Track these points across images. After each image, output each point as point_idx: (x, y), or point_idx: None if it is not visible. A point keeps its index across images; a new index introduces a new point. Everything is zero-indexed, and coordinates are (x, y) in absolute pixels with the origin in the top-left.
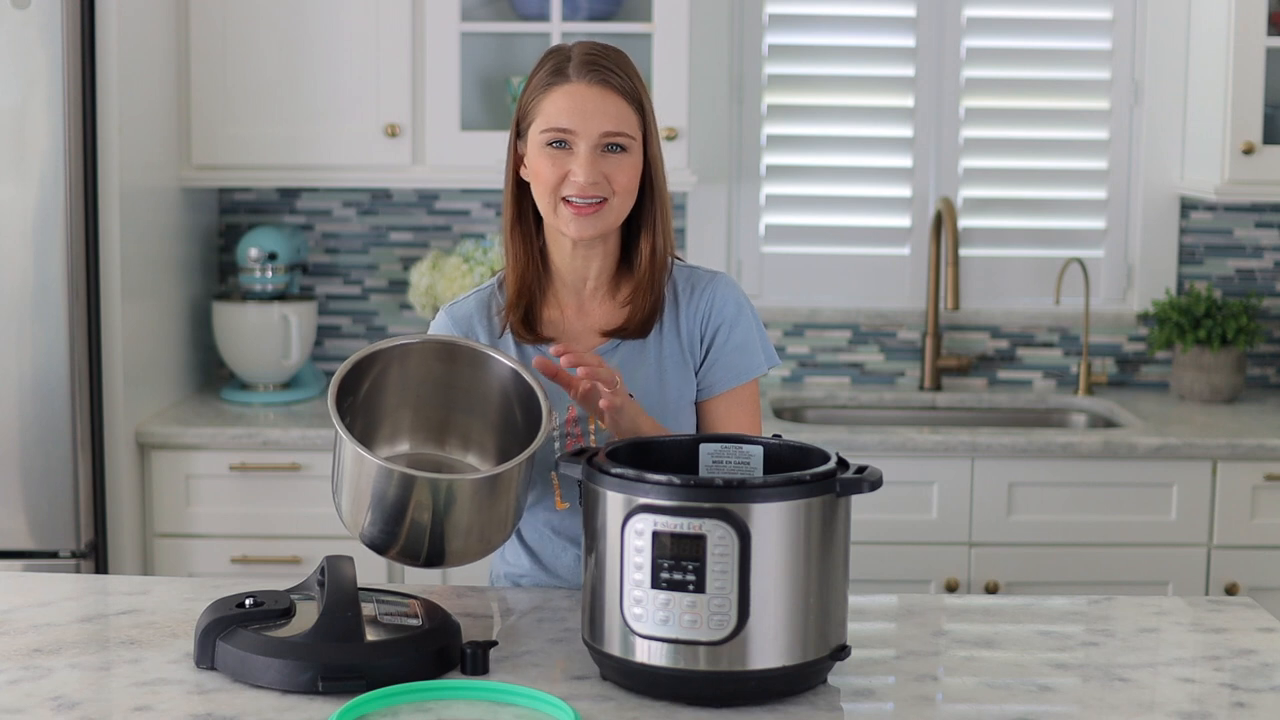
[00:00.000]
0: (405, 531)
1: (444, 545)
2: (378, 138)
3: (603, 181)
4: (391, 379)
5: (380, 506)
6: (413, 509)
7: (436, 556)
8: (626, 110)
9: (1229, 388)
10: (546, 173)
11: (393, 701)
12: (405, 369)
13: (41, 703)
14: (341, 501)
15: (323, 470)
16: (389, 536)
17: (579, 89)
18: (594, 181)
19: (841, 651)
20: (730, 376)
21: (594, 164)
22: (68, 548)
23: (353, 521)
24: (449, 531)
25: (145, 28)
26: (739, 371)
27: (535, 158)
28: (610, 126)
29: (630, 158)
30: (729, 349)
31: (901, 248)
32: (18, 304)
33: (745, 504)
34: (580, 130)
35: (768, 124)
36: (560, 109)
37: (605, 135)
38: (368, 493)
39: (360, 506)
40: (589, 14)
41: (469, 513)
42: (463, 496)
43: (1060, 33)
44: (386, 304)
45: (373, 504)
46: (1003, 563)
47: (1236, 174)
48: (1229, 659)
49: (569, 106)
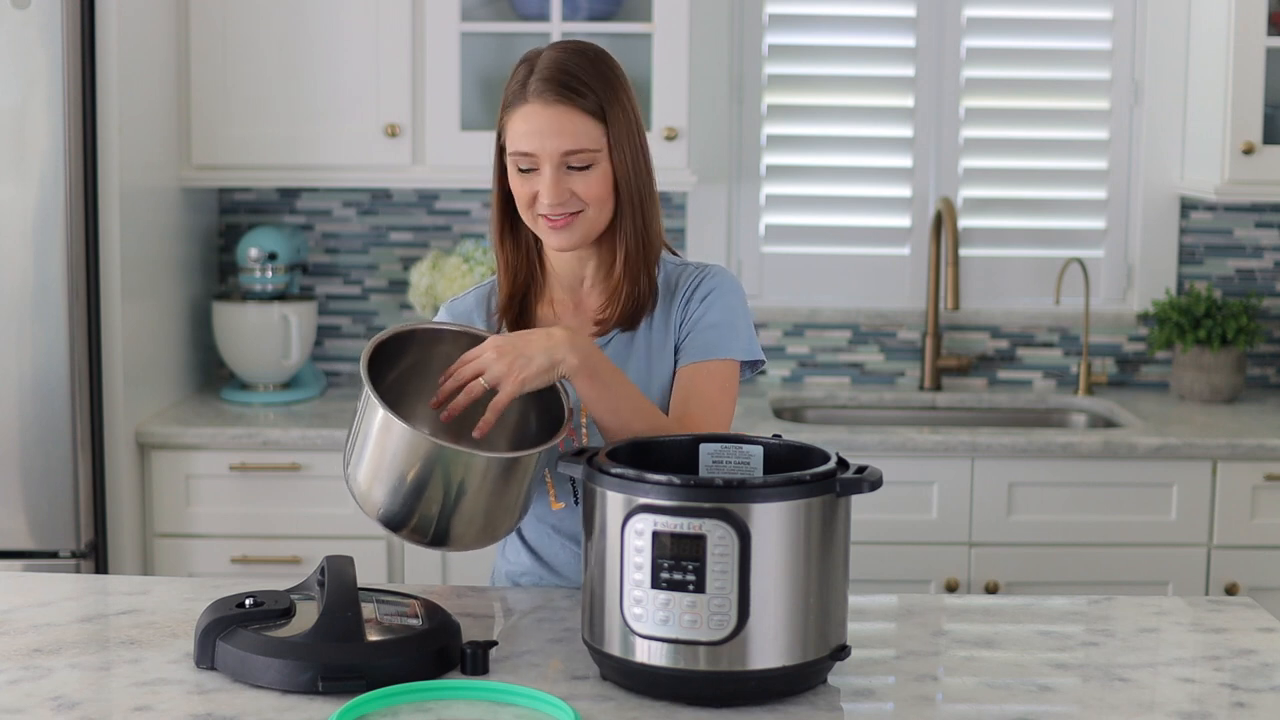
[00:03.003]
0: (420, 506)
1: (452, 524)
2: (378, 138)
3: (570, 199)
4: (416, 364)
5: (398, 477)
6: (431, 482)
7: (443, 535)
8: (586, 124)
9: (1229, 388)
10: (520, 192)
11: (393, 701)
12: (430, 356)
13: (41, 703)
14: (358, 473)
15: (323, 470)
16: (406, 509)
17: (535, 110)
18: (560, 201)
19: (841, 651)
20: (698, 349)
21: (558, 184)
22: (68, 548)
23: (367, 493)
24: (461, 509)
25: (145, 28)
26: (710, 347)
27: (510, 175)
28: (569, 145)
29: (596, 170)
30: (704, 324)
31: (901, 248)
32: (18, 304)
33: (745, 504)
34: (540, 152)
35: (768, 124)
36: (520, 132)
37: (565, 155)
38: (388, 462)
39: (378, 477)
40: (589, 14)
41: (483, 493)
42: (480, 473)
43: (1060, 33)
44: (386, 304)
45: (392, 474)
46: (1003, 563)
47: (1236, 174)
48: (1229, 659)
49: (528, 130)
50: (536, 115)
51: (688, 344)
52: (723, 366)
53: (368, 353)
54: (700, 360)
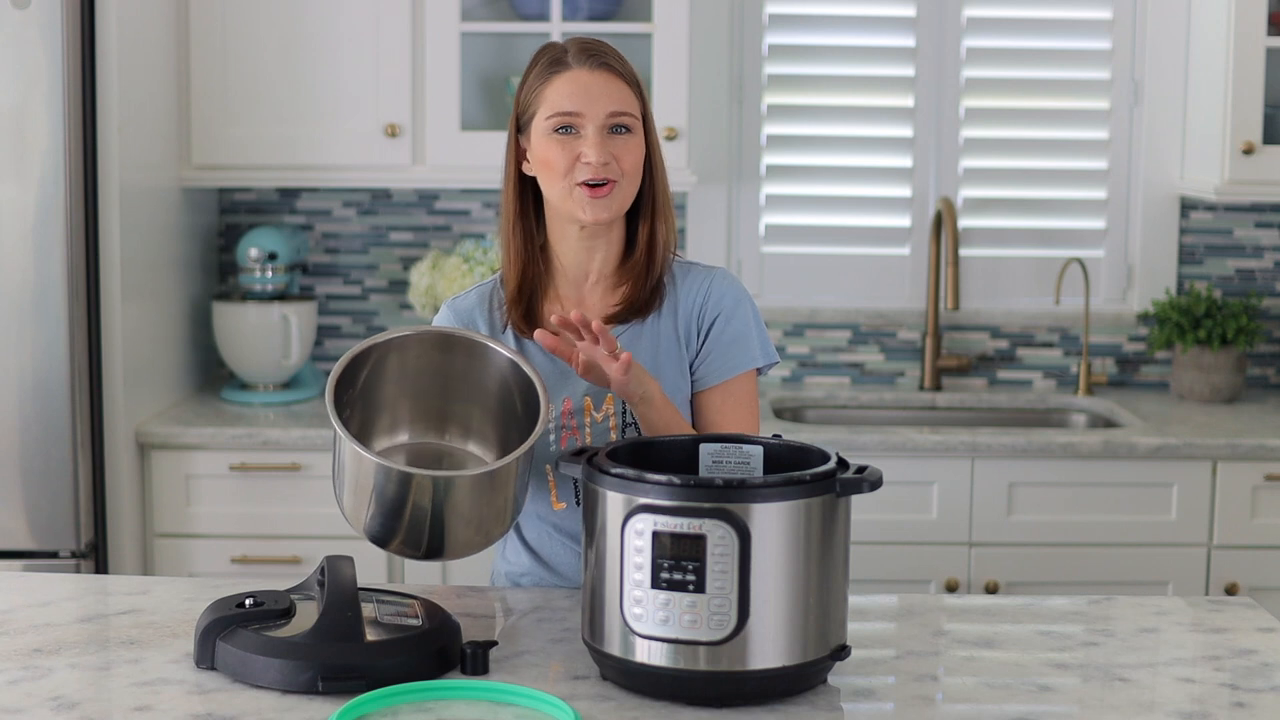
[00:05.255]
0: (405, 525)
1: (444, 538)
2: (378, 138)
3: (612, 162)
4: (390, 370)
5: (380, 501)
6: (412, 503)
7: (436, 549)
8: (628, 92)
9: (1229, 388)
10: (557, 159)
11: (393, 701)
12: (403, 360)
13: (41, 703)
14: (343, 496)
15: (323, 470)
16: (389, 530)
17: (581, 74)
18: (605, 162)
19: (841, 651)
20: (724, 368)
21: (603, 144)
22: (68, 548)
23: (354, 516)
24: (448, 524)
25: (145, 28)
26: (733, 364)
27: (543, 146)
28: (616, 106)
29: (635, 138)
30: (724, 340)
31: (901, 248)
32: (18, 304)
33: (745, 504)
34: (587, 111)
35: (768, 124)
36: (565, 94)
37: (611, 115)
38: (368, 488)
39: (361, 502)
40: (589, 14)
41: (468, 506)
42: (461, 491)
43: (1060, 33)
44: (386, 304)
45: (373, 499)
46: (1003, 563)
47: (1236, 174)
48: (1229, 659)
49: (573, 90)
50: (582, 78)
51: (709, 364)
52: (745, 381)
53: (331, 385)
54: (724, 380)
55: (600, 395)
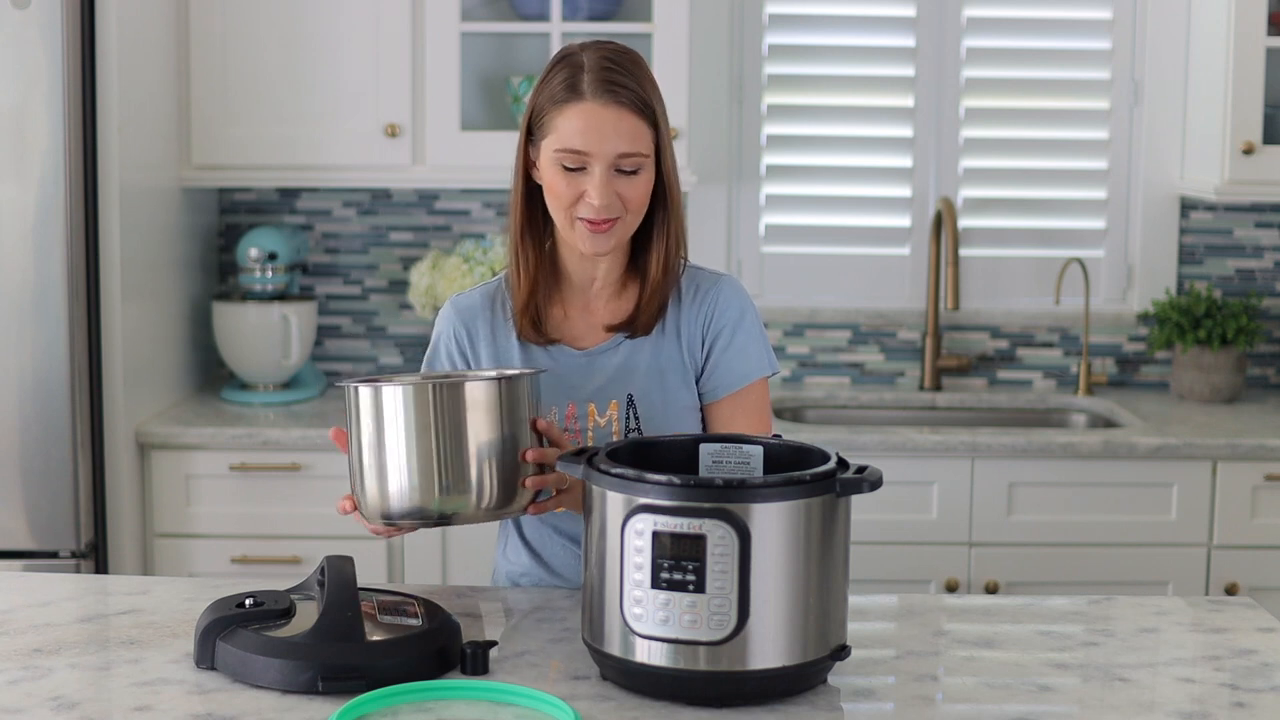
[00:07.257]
0: (435, 453)
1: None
2: (378, 138)
3: (616, 203)
4: None
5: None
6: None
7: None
8: (640, 128)
9: (1229, 388)
10: (562, 192)
11: (393, 701)
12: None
13: (41, 703)
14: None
15: (323, 470)
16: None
17: (593, 110)
18: (608, 204)
19: (841, 651)
20: (731, 380)
21: (608, 186)
22: (68, 548)
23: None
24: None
25: (145, 28)
26: (739, 375)
27: (550, 173)
28: (625, 148)
29: (644, 175)
30: (730, 353)
31: (901, 248)
32: (18, 304)
33: (745, 504)
34: (595, 152)
35: (768, 124)
36: (574, 130)
37: (620, 157)
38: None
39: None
40: (589, 14)
41: (490, 426)
42: (481, 399)
43: (1060, 33)
44: (386, 304)
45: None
46: (1003, 563)
47: (1236, 174)
48: (1229, 659)
49: (584, 128)
50: (594, 114)
51: (717, 378)
52: (757, 390)
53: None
54: (734, 391)
55: (603, 400)
